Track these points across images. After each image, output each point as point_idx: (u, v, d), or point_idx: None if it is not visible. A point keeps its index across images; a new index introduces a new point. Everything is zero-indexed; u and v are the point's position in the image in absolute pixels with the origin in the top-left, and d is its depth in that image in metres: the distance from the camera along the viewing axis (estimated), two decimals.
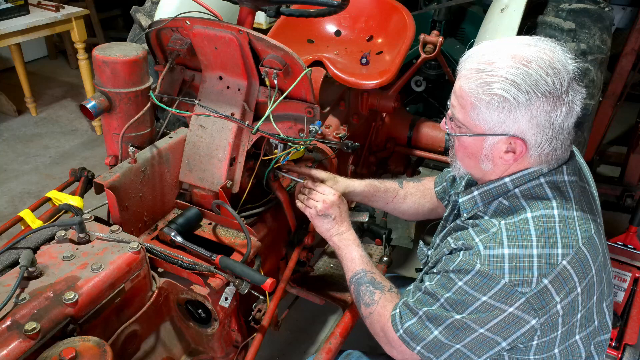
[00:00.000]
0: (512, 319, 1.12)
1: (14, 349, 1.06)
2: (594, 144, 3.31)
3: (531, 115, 1.08)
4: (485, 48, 1.14)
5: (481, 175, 1.26)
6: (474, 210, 1.26)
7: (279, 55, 1.46)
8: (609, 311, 1.27)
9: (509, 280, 1.09)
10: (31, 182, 3.60)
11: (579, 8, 2.34)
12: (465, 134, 1.18)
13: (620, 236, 2.63)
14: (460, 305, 1.15)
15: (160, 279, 1.45)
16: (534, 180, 1.18)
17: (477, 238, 1.17)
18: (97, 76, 1.53)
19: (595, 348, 1.27)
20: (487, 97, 1.09)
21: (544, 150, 1.14)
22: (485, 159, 1.19)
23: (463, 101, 1.15)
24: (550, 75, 1.06)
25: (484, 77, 1.10)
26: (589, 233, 1.16)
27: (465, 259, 1.15)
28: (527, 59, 1.08)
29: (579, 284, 1.13)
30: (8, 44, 3.60)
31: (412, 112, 3.15)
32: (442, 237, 1.43)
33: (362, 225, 2.16)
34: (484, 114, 1.11)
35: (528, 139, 1.12)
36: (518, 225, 1.14)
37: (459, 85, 1.15)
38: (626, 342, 2.25)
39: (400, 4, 2.26)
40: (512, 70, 1.07)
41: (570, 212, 1.16)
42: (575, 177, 1.21)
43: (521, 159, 1.16)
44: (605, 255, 1.24)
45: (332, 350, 1.55)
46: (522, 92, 1.06)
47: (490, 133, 1.13)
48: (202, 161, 1.60)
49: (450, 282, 1.17)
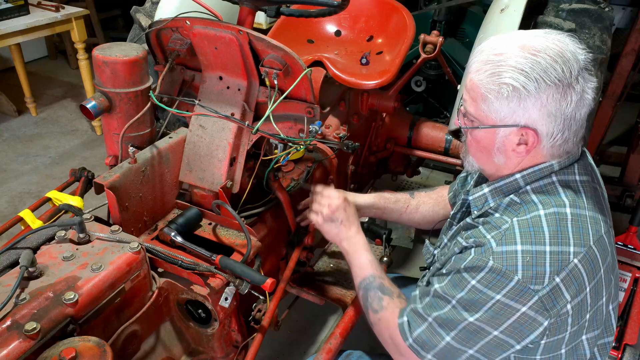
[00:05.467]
0: (525, 319, 1.10)
1: (14, 349, 1.06)
2: (594, 144, 3.31)
3: (541, 104, 1.08)
4: (494, 41, 1.15)
5: (494, 171, 1.25)
6: (484, 207, 1.25)
7: (279, 55, 1.46)
8: (614, 314, 1.26)
9: (522, 277, 1.08)
10: (31, 182, 3.60)
11: (579, 8, 2.34)
12: (477, 127, 1.18)
13: (620, 236, 2.63)
14: (473, 306, 1.13)
15: (160, 279, 1.45)
16: (546, 178, 1.18)
17: (488, 235, 1.16)
18: (97, 76, 1.53)
19: (598, 350, 1.27)
20: (496, 87, 1.09)
21: (557, 142, 1.13)
22: (497, 151, 1.18)
23: (474, 94, 1.15)
24: (559, 64, 1.06)
25: (494, 68, 1.10)
26: (600, 233, 1.15)
27: (477, 256, 1.13)
28: (535, 49, 1.08)
29: (588, 283, 1.12)
30: (8, 44, 3.59)
31: (412, 112, 3.16)
32: (450, 237, 1.41)
33: (362, 225, 2.15)
34: (494, 104, 1.11)
35: (540, 129, 1.11)
36: (531, 222, 1.13)
37: (470, 78, 1.16)
38: (626, 342, 2.24)
39: (400, 4, 2.27)
40: (521, 59, 1.07)
41: (583, 210, 1.15)
42: (588, 177, 1.21)
43: (533, 151, 1.15)
44: (614, 257, 1.23)
45: (332, 350, 1.55)
46: (531, 80, 1.06)
47: (502, 124, 1.13)
48: (202, 161, 1.60)
49: (463, 281, 1.14)
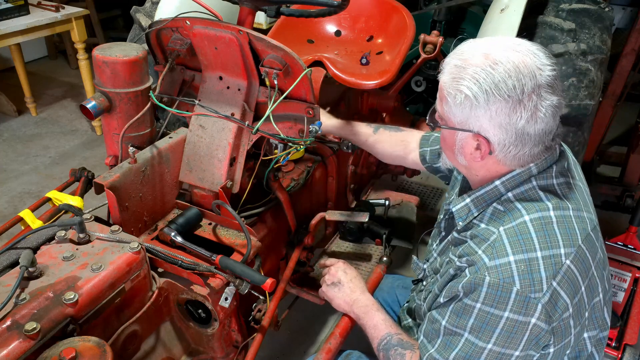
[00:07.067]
0: (538, 331, 1.10)
1: (14, 349, 1.06)
2: (594, 144, 3.31)
3: (490, 115, 1.10)
4: (467, 45, 1.17)
5: (465, 171, 1.28)
6: (468, 217, 1.26)
7: (279, 55, 1.46)
8: (607, 308, 1.26)
9: (520, 287, 1.08)
10: (31, 182, 3.59)
11: (579, 8, 2.34)
12: (439, 126, 1.23)
13: (620, 236, 2.63)
14: (486, 331, 1.12)
15: (160, 279, 1.45)
16: (526, 184, 1.19)
17: (479, 250, 1.16)
18: (97, 76, 1.53)
19: (595, 346, 1.27)
20: (454, 92, 1.13)
21: (510, 152, 1.14)
22: (458, 152, 1.22)
23: (440, 94, 1.19)
24: (512, 79, 1.07)
25: (456, 73, 1.13)
26: (587, 231, 1.16)
27: (472, 275, 1.13)
28: (496, 60, 1.09)
29: (583, 282, 1.13)
30: (8, 44, 3.59)
31: (412, 112, 3.15)
32: (439, 251, 1.41)
33: (362, 225, 2.16)
34: (452, 108, 1.15)
35: (491, 139, 1.13)
36: (517, 229, 1.14)
37: (440, 77, 1.19)
38: (626, 342, 2.25)
39: (400, 4, 2.26)
40: (478, 69, 1.10)
41: (567, 211, 1.16)
42: (565, 178, 1.22)
43: (490, 158, 1.17)
44: (604, 252, 1.24)
45: (332, 350, 1.55)
46: (482, 92, 1.09)
47: (459, 128, 1.17)
48: (202, 161, 1.60)
49: (467, 307, 1.13)
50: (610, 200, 3.26)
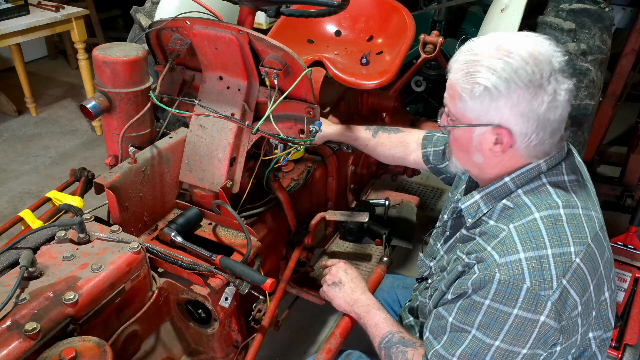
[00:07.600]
0: (547, 329, 1.09)
1: (14, 349, 1.06)
2: (594, 144, 3.31)
3: (512, 104, 1.09)
4: (474, 42, 1.17)
5: (477, 171, 1.26)
6: (478, 214, 1.25)
7: (279, 55, 1.46)
8: (612, 309, 1.26)
9: (530, 284, 1.07)
10: (31, 182, 3.59)
11: (579, 8, 2.34)
12: (455, 125, 1.20)
13: (620, 236, 2.63)
14: (494, 328, 1.11)
15: (160, 279, 1.45)
16: (536, 180, 1.18)
17: (489, 247, 1.16)
18: (97, 76, 1.53)
19: (598, 347, 1.27)
20: (470, 86, 1.12)
21: (531, 142, 1.13)
22: (475, 150, 1.20)
23: (452, 92, 1.17)
24: (530, 65, 1.08)
25: (469, 68, 1.13)
26: (595, 230, 1.16)
27: (482, 272, 1.12)
28: (509, 50, 1.10)
29: (591, 281, 1.13)
30: (8, 44, 3.59)
31: (412, 112, 3.16)
32: (446, 249, 1.40)
33: (362, 225, 2.16)
34: (469, 103, 1.13)
35: (513, 129, 1.12)
36: (528, 226, 1.13)
37: (449, 77, 1.18)
38: (626, 342, 2.25)
39: (400, 4, 2.26)
40: (494, 60, 1.09)
41: (576, 209, 1.16)
42: (575, 175, 1.22)
43: (510, 151, 1.16)
44: (610, 252, 1.24)
45: (332, 350, 1.55)
46: (501, 80, 1.08)
47: (477, 123, 1.15)
48: (202, 161, 1.60)
49: (476, 304, 1.13)
50: (610, 200, 3.26)
